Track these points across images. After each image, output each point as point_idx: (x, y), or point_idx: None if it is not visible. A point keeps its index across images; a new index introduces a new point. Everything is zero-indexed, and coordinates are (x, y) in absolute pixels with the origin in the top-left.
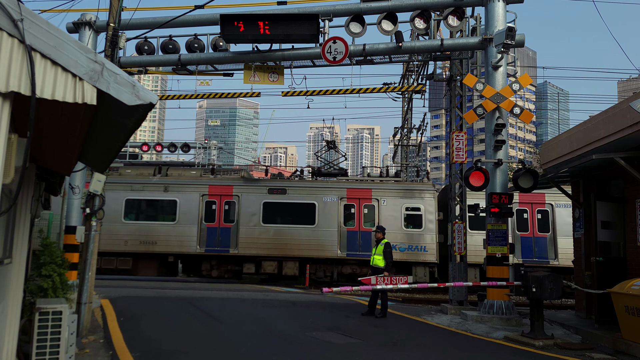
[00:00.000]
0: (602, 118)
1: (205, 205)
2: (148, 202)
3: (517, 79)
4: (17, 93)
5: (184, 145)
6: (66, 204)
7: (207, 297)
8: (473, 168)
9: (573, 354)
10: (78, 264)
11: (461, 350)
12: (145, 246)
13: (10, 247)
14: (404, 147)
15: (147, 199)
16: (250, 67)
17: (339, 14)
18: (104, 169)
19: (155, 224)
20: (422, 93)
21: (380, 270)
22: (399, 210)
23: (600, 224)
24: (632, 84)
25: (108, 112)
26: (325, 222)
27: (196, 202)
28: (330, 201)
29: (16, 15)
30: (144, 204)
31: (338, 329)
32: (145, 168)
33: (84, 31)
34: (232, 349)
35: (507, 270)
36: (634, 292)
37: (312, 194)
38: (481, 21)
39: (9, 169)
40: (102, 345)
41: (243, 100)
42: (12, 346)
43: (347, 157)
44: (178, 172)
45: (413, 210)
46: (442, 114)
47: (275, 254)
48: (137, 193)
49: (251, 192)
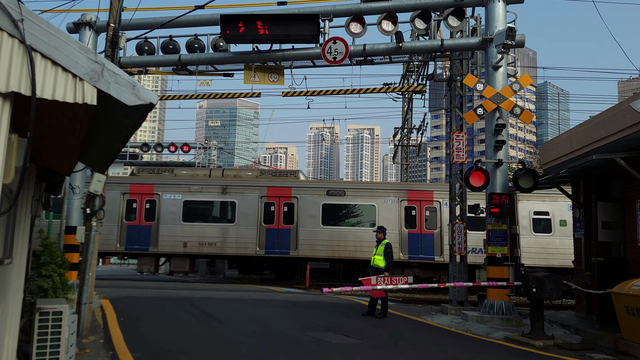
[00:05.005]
0: (603, 118)
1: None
2: (206, 203)
3: (518, 79)
4: (18, 93)
5: (184, 146)
6: (66, 204)
7: (208, 297)
8: (473, 168)
9: (573, 355)
10: (78, 264)
11: (461, 351)
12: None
13: (11, 247)
14: (404, 148)
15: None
16: (251, 68)
17: (339, 14)
18: (104, 169)
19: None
20: (422, 93)
21: (381, 270)
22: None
23: (601, 224)
24: (632, 84)
25: (108, 113)
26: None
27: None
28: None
29: (16, 15)
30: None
31: (338, 329)
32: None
33: (84, 31)
34: (232, 349)
35: (508, 270)
36: (634, 293)
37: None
38: (481, 21)
39: (9, 169)
40: (102, 345)
41: (243, 100)
42: (12, 346)
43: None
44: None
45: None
46: (442, 114)
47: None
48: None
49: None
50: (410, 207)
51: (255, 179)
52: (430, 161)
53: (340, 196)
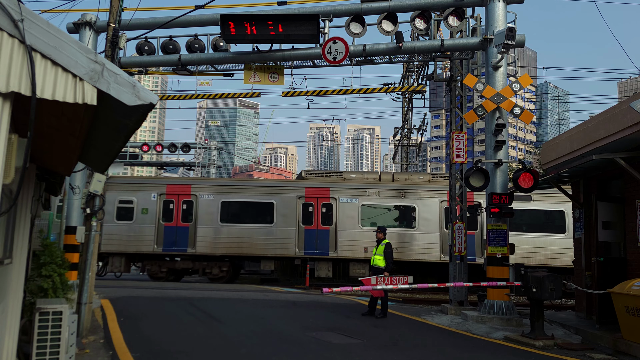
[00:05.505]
0: (603, 118)
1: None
2: (246, 204)
3: (518, 79)
4: (18, 93)
5: (184, 146)
6: (66, 204)
7: (208, 297)
8: (473, 168)
9: (573, 354)
10: (78, 264)
11: (461, 351)
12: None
13: (11, 247)
14: (404, 148)
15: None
16: (251, 68)
17: (339, 14)
18: (104, 169)
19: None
20: (422, 93)
21: (381, 270)
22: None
23: (601, 224)
24: (633, 84)
25: (108, 113)
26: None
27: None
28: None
29: (16, 15)
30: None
31: (338, 329)
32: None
33: (84, 31)
34: (232, 349)
35: (508, 270)
36: (634, 293)
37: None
38: (481, 21)
39: (9, 169)
40: (102, 345)
41: (243, 100)
42: (12, 346)
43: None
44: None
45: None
46: (443, 114)
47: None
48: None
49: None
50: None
51: (429, 183)
52: (430, 161)
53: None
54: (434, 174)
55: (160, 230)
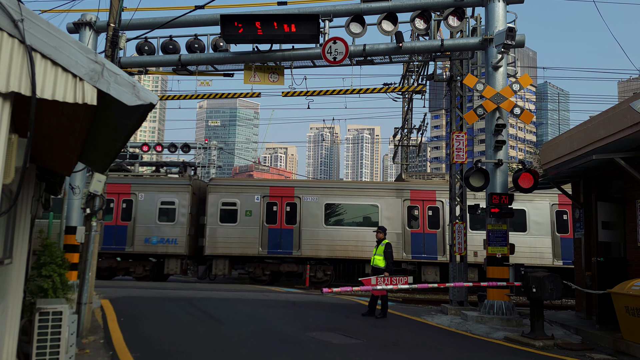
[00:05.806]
0: (603, 118)
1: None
2: (349, 207)
3: (518, 79)
4: (18, 93)
5: (184, 146)
6: (66, 204)
7: (208, 297)
8: (473, 168)
9: (573, 355)
10: (78, 264)
11: (461, 351)
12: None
13: (11, 247)
14: (404, 148)
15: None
16: (251, 68)
17: (339, 14)
18: (104, 169)
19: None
20: (422, 93)
21: (381, 270)
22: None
23: (601, 224)
24: (632, 84)
25: (108, 113)
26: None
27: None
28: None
29: (16, 15)
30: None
31: (338, 329)
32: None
33: (84, 31)
34: (232, 349)
35: (508, 270)
36: (634, 293)
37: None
38: (481, 21)
39: (9, 169)
40: (102, 345)
41: (243, 100)
42: (12, 346)
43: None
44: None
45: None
46: (443, 114)
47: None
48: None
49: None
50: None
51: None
52: (430, 161)
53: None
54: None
55: (264, 233)
